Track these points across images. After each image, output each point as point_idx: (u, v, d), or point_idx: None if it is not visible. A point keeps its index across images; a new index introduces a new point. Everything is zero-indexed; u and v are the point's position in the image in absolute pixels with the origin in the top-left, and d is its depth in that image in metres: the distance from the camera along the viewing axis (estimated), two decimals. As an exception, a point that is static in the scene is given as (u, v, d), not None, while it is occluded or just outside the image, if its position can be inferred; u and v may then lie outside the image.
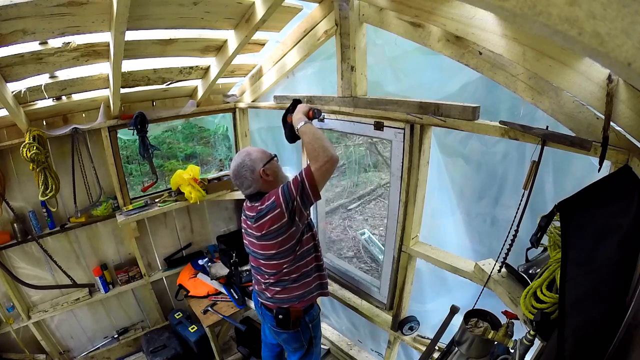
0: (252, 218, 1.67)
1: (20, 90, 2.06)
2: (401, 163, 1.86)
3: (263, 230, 1.62)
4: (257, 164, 1.69)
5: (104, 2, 1.54)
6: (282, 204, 1.55)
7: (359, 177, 7.47)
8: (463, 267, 1.75)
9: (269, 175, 1.69)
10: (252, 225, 1.69)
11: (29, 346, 2.75)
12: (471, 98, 1.75)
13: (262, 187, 1.70)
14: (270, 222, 1.59)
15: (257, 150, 1.75)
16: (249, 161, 1.69)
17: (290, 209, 1.54)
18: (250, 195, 1.74)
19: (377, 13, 1.76)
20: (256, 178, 1.68)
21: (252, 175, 1.68)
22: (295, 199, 1.53)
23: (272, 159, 1.74)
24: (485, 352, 1.45)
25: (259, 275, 1.84)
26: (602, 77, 1.06)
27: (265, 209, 1.60)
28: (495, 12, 1.07)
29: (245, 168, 1.68)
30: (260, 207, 1.62)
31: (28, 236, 2.53)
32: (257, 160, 1.69)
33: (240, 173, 1.69)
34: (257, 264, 1.81)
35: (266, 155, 1.74)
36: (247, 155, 1.71)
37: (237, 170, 1.70)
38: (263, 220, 1.61)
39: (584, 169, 1.47)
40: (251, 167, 1.68)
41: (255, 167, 1.68)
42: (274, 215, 1.57)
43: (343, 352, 2.95)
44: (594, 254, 0.98)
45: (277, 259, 1.69)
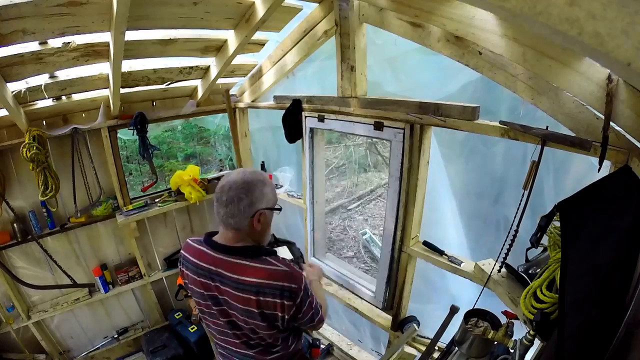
0: (240, 283, 1.16)
1: (20, 90, 2.06)
2: (400, 163, 1.86)
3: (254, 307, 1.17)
4: (260, 201, 1.19)
5: (104, 2, 1.54)
6: (276, 306, 1.15)
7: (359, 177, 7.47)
8: (463, 267, 1.75)
9: (260, 222, 1.20)
10: (226, 290, 1.19)
11: (29, 346, 2.74)
12: (471, 98, 1.75)
13: (243, 230, 1.20)
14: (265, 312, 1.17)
15: (272, 187, 1.27)
16: (258, 191, 1.18)
17: (273, 321, 1.20)
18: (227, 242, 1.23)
19: (377, 13, 1.76)
20: (247, 216, 1.17)
21: (248, 208, 1.17)
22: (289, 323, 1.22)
23: (276, 209, 1.28)
24: (485, 352, 1.45)
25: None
26: (602, 77, 1.06)
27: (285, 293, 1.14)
28: (495, 12, 1.07)
29: (248, 192, 1.17)
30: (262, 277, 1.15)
31: (28, 236, 2.53)
32: (265, 198, 1.21)
33: (237, 190, 1.16)
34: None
35: (275, 199, 1.27)
36: (262, 182, 1.21)
37: (237, 184, 1.17)
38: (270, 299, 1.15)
39: (584, 169, 1.46)
40: (255, 198, 1.18)
41: (258, 201, 1.18)
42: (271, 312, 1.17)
43: (343, 352, 2.94)
44: (593, 254, 0.98)
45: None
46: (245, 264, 1.17)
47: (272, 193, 1.25)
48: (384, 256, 2.15)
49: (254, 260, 1.18)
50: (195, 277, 1.25)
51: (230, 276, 1.18)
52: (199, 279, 1.24)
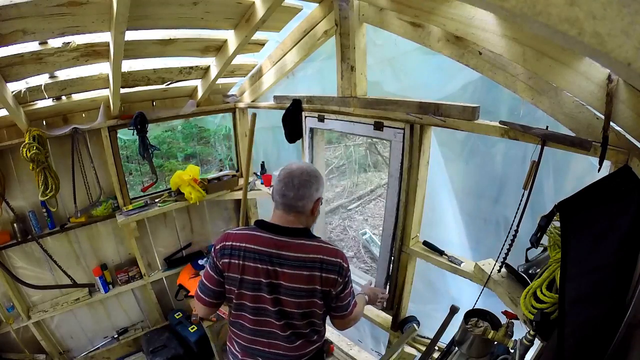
0: (305, 262, 1.23)
1: (20, 90, 2.06)
2: (400, 163, 1.86)
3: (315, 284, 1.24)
4: (322, 189, 1.32)
5: (104, 2, 1.54)
6: (330, 282, 1.24)
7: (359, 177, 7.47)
8: (463, 267, 1.75)
9: (316, 209, 1.32)
10: (283, 270, 1.24)
11: (29, 346, 2.74)
12: (471, 98, 1.76)
13: (302, 213, 1.29)
14: (324, 284, 1.25)
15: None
16: (321, 180, 1.32)
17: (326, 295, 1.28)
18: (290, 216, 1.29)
19: (377, 13, 1.76)
20: (312, 200, 1.28)
21: (316, 193, 1.29)
22: (332, 291, 1.27)
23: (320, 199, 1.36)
24: (485, 352, 1.45)
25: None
26: (602, 77, 1.06)
27: (339, 269, 1.25)
28: (495, 12, 1.07)
29: (316, 180, 1.28)
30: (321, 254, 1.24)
31: (28, 236, 2.53)
32: (323, 188, 1.34)
33: (309, 176, 1.26)
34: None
35: (324, 190, 1.39)
36: (320, 173, 1.34)
37: (307, 171, 1.27)
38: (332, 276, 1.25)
39: (584, 169, 1.47)
40: (320, 186, 1.31)
41: (320, 189, 1.31)
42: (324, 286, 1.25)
43: (343, 352, 2.94)
44: (594, 254, 0.98)
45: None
46: (308, 243, 1.26)
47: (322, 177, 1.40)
48: (383, 256, 2.16)
49: (314, 239, 1.29)
50: (252, 264, 1.24)
51: (295, 256, 1.23)
52: (258, 265, 1.24)
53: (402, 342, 2.11)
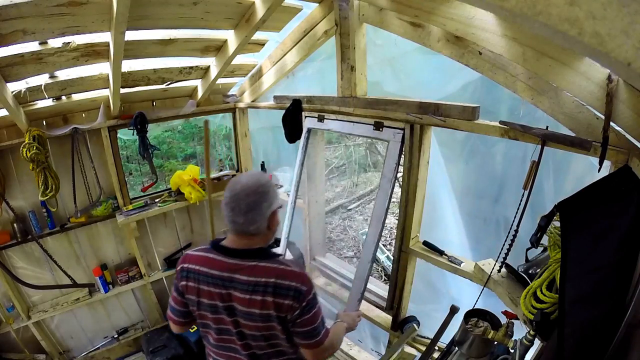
0: (255, 286, 1.12)
1: (20, 90, 2.06)
2: (396, 164, 1.84)
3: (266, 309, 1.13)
4: (275, 200, 1.18)
5: (104, 2, 1.54)
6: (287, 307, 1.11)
7: (359, 177, 7.48)
8: (463, 267, 1.75)
9: (274, 221, 1.20)
10: (235, 293, 1.14)
11: (29, 346, 2.74)
12: (471, 98, 1.75)
13: (260, 233, 1.17)
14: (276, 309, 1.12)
15: (274, 183, 1.24)
16: (272, 191, 1.17)
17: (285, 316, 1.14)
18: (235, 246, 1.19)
19: (377, 13, 1.76)
20: (266, 217, 1.15)
21: (267, 210, 1.15)
22: (293, 316, 1.13)
23: (279, 207, 1.24)
24: (485, 352, 1.45)
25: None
26: (602, 77, 1.06)
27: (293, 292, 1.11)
28: (495, 12, 1.07)
29: (265, 195, 1.14)
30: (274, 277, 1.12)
31: (28, 236, 2.53)
32: (277, 197, 1.19)
33: (255, 195, 1.12)
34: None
35: (279, 198, 1.24)
36: (270, 182, 1.19)
37: (252, 189, 1.13)
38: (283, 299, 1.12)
39: (584, 169, 1.47)
40: (271, 200, 1.16)
41: (273, 202, 1.17)
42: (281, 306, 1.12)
43: (343, 352, 2.94)
44: (593, 254, 0.98)
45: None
46: (262, 265, 1.14)
47: (275, 186, 1.25)
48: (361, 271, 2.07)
49: (269, 261, 1.16)
50: (206, 288, 1.18)
51: (247, 280, 1.12)
52: (212, 289, 1.17)
53: (402, 342, 2.11)
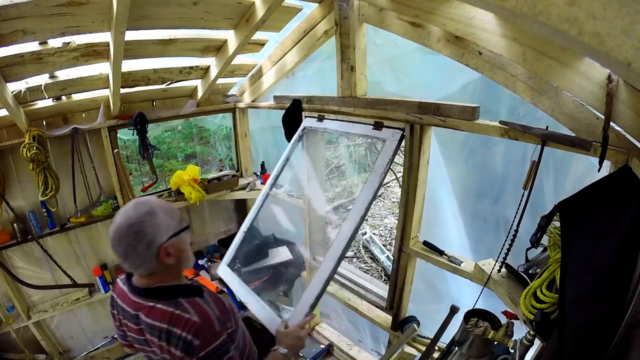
0: (150, 327, 1.03)
1: (20, 90, 2.06)
2: (389, 160, 1.74)
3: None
4: (158, 234, 1.01)
5: (104, 2, 1.54)
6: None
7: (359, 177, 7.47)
8: (463, 267, 1.75)
9: (170, 255, 1.03)
10: (146, 337, 1.06)
11: (29, 346, 2.74)
12: (471, 98, 1.76)
13: (156, 272, 1.05)
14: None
15: (164, 210, 1.05)
16: (149, 226, 1.00)
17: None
18: (130, 276, 1.12)
19: (377, 13, 1.76)
20: (150, 256, 1.01)
21: (147, 250, 1.00)
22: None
23: (183, 230, 1.08)
24: (485, 352, 1.45)
25: None
26: (602, 77, 1.06)
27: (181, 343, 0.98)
28: (495, 12, 1.07)
29: (138, 235, 0.99)
30: (169, 319, 0.99)
31: (28, 236, 2.53)
32: (162, 228, 1.02)
33: (127, 239, 0.99)
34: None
35: (175, 222, 1.07)
36: (149, 214, 1.01)
37: (124, 232, 0.99)
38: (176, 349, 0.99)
39: (584, 169, 1.47)
40: (149, 237, 1.00)
41: (155, 238, 1.00)
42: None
43: (343, 352, 2.94)
44: (593, 254, 0.98)
45: None
46: (158, 308, 1.02)
47: (168, 216, 1.05)
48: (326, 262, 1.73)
49: (166, 302, 1.02)
50: (125, 321, 1.11)
51: (147, 322, 1.03)
52: (129, 323, 1.10)
53: (402, 342, 2.11)
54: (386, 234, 5.74)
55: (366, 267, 4.99)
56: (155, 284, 1.06)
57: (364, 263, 5.09)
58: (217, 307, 1.06)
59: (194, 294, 1.06)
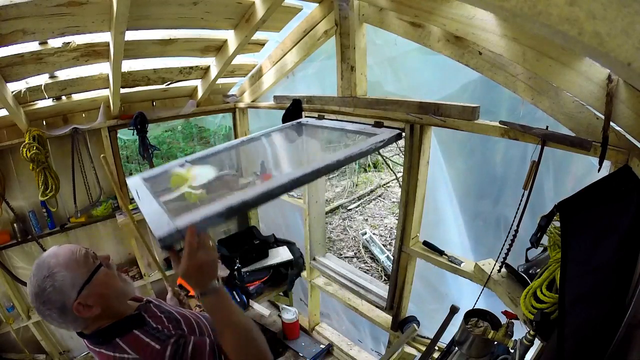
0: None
1: (20, 90, 2.06)
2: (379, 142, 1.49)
3: None
4: (64, 295, 0.88)
5: (104, 2, 1.54)
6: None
7: (359, 177, 7.48)
8: (463, 267, 1.75)
9: (91, 306, 0.91)
10: None
11: (29, 346, 2.74)
12: (471, 98, 1.76)
13: (87, 325, 0.95)
14: None
15: (64, 264, 0.90)
16: (52, 292, 0.87)
17: None
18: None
19: (377, 13, 1.76)
20: (71, 319, 0.91)
21: (63, 316, 0.90)
22: None
23: (95, 272, 0.94)
24: (485, 352, 1.45)
25: None
26: (602, 77, 1.06)
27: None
28: (495, 12, 1.07)
29: (47, 304, 0.88)
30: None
31: (28, 236, 2.53)
32: (66, 287, 0.88)
33: (40, 310, 0.90)
34: None
35: (82, 269, 0.92)
36: (48, 277, 0.88)
37: (35, 303, 0.90)
38: None
39: (584, 169, 1.47)
40: (58, 303, 0.88)
41: (64, 301, 0.88)
42: None
43: (343, 352, 2.95)
44: (593, 254, 0.98)
45: None
46: (103, 353, 0.93)
47: (68, 269, 0.89)
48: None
49: (106, 346, 0.92)
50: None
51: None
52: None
53: (402, 342, 2.11)
54: (386, 234, 5.74)
55: (366, 267, 4.99)
56: (91, 330, 0.96)
57: (364, 263, 5.09)
58: (158, 324, 0.97)
59: (132, 326, 0.94)
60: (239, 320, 0.91)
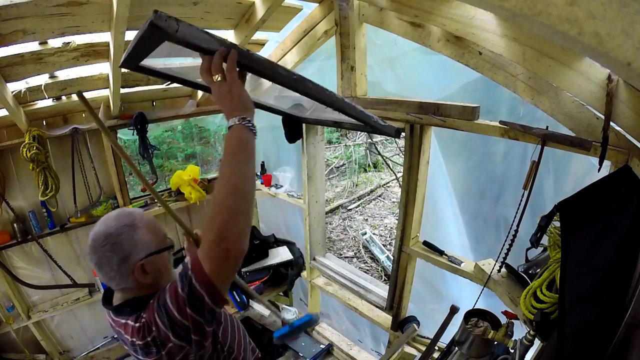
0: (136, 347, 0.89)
1: (20, 90, 2.06)
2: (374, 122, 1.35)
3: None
4: (135, 250, 0.92)
5: (104, 2, 1.54)
6: (171, 338, 0.82)
7: (359, 177, 7.48)
8: (463, 267, 1.75)
9: (148, 273, 0.94)
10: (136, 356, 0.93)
11: (29, 346, 2.74)
12: (471, 98, 1.76)
13: (130, 287, 0.96)
14: (168, 357, 0.86)
15: (147, 225, 0.97)
16: (127, 239, 0.92)
17: (186, 338, 0.82)
18: (107, 296, 1.03)
19: (377, 13, 1.76)
20: (124, 272, 0.92)
21: (121, 265, 0.91)
22: (188, 318, 0.79)
23: (165, 250, 1.01)
24: (485, 352, 1.45)
25: None
26: (602, 77, 1.06)
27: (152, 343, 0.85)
28: (495, 12, 1.07)
29: (114, 247, 0.91)
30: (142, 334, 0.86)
31: (28, 236, 2.53)
32: (140, 244, 0.93)
33: (102, 249, 0.91)
34: None
35: (158, 239, 0.99)
36: (130, 226, 0.93)
37: (100, 241, 0.91)
38: (155, 357, 0.87)
39: (584, 169, 1.47)
40: (125, 251, 0.91)
41: (131, 254, 0.92)
42: (169, 352, 0.85)
43: (343, 352, 2.95)
44: (593, 254, 0.98)
45: None
46: (125, 323, 0.91)
47: (150, 232, 0.95)
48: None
49: (131, 316, 0.91)
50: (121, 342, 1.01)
51: (128, 339, 0.91)
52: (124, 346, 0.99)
53: (402, 342, 2.11)
54: (386, 234, 5.74)
55: (366, 267, 4.99)
56: (126, 298, 0.97)
57: (364, 263, 5.09)
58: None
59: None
60: (236, 171, 0.80)
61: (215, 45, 0.74)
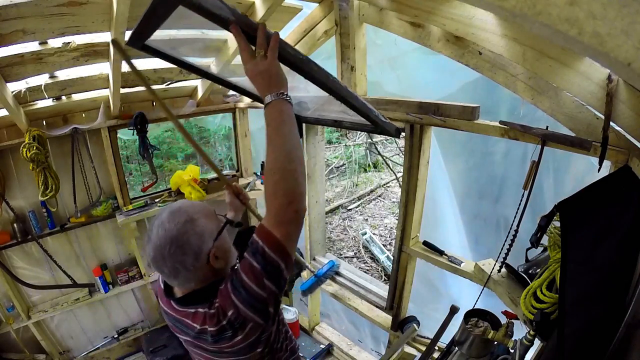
0: (205, 334, 0.87)
1: (20, 90, 2.06)
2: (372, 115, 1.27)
3: (229, 348, 0.88)
4: (204, 240, 0.89)
5: (104, 2, 1.54)
6: (250, 315, 0.82)
7: (359, 177, 7.48)
8: (463, 267, 1.75)
9: (218, 258, 0.92)
10: (200, 344, 0.93)
11: (29, 346, 2.74)
12: (471, 98, 1.76)
13: (204, 279, 0.93)
14: (243, 339, 0.85)
15: (203, 213, 0.93)
16: (193, 235, 0.88)
17: (265, 311, 0.83)
18: (168, 288, 1.00)
19: (377, 13, 1.76)
20: (200, 266, 0.89)
21: (196, 262, 0.88)
22: (266, 289, 0.80)
23: (224, 227, 0.96)
24: (485, 352, 1.45)
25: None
26: (602, 77, 1.06)
27: (228, 327, 0.83)
28: (495, 12, 1.07)
29: (184, 248, 0.87)
30: (212, 323, 0.85)
31: (28, 236, 2.53)
32: (206, 234, 0.90)
33: (173, 256, 0.86)
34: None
35: (215, 222, 0.95)
36: (189, 220, 0.89)
37: (167, 248, 0.86)
38: (229, 342, 0.86)
39: (584, 169, 1.47)
40: (194, 248, 0.88)
41: (201, 247, 0.89)
42: (246, 333, 0.84)
43: (343, 352, 2.95)
44: (593, 254, 0.98)
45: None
46: (195, 312, 0.90)
47: (208, 218, 0.93)
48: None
49: (202, 304, 0.89)
50: (175, 331, 1.00)
51: (192, 326, 0.91)
52: (180, 335, 0.99)
53: (402, 342, 2.11)
54: (386, 234, 5.74)
55: (366, 267, 4.99)
56: (192, 288, 0.94)
57: (364, 263, 5.09)
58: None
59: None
60: (287, 139, 0.82)
61: (227, 13, 0.77)
